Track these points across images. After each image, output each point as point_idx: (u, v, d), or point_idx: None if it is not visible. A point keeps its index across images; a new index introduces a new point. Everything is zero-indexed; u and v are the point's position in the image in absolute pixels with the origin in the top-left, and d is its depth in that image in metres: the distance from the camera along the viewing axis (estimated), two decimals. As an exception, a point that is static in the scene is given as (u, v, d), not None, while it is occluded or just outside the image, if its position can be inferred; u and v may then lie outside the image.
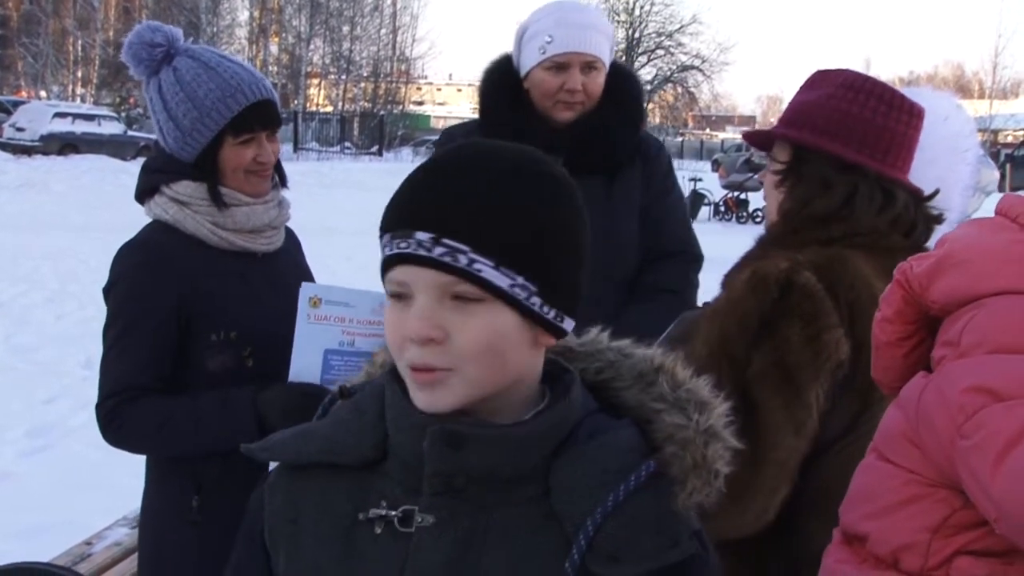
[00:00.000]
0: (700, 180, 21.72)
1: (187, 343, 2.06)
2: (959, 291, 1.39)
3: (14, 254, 11.21)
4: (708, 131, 75.66)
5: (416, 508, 1.05)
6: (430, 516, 1.05)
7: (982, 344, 1.31)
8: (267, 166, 2.14)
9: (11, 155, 24.74)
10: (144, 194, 2.15)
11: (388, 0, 47.97)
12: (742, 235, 1.98)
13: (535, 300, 1.01)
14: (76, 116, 28.06)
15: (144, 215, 2.16)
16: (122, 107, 36.08)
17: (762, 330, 1.72)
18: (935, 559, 1.36)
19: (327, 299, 2.02)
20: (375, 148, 40.39)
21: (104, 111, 31.06)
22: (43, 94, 41.54)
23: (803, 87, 1.92)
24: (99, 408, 2.03)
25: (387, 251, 1.03)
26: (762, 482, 1.69)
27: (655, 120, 57.05)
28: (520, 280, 1.00)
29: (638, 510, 1.01)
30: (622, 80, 2.62)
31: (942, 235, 1.51)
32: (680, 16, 55.38)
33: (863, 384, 1.71)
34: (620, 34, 44.12)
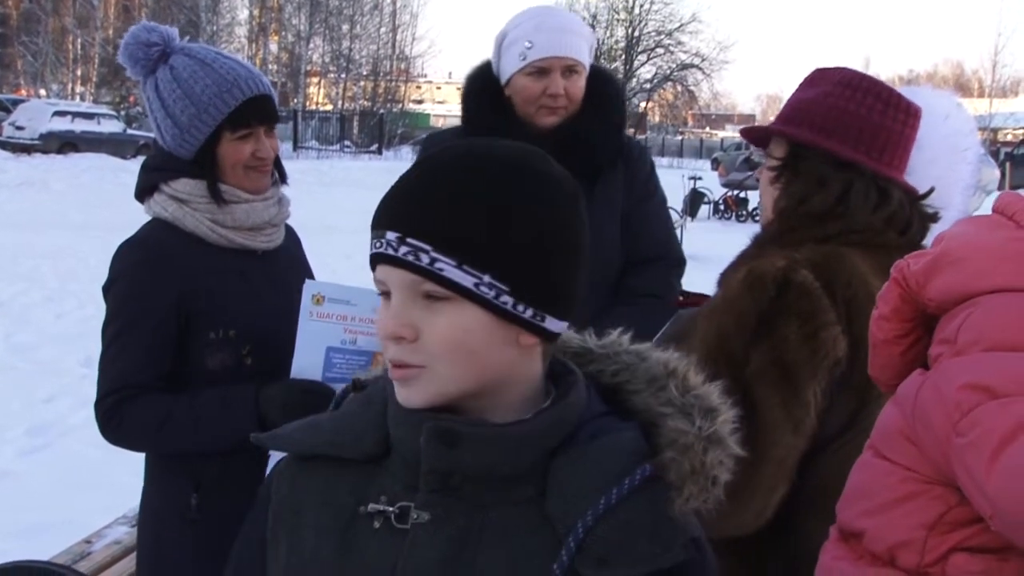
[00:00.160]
0: (700, 179, 21.67)
1: (187, 341, 2.06)
2: (955, 289, 1.40)
3: (14, 253, 11.21)
4: (708, 130, 75.71)
5: (412, 505, 1.06)
6: (426, 513, 1.05)
7: (978, 342, 1.32)
8: (266, 161, 2.14)
9: (10, 153, 24.73)
10: (143, 192, 2.15)
11: (388, -1, 48.01)
12: (742, 233, 1.98)
13: (505, 299, 1.01)
14: (75, 115, 28.04)
15: (144, 213, 2.16)
16: (121, 105, 36.09)
17: (760, 328, 1.73)
18: (931, 556, 1.36)
19: (330, 297, 2.02)
20: (375, 147, 40.38)
21: (104, 109, 31.05)
22: (43, 92, 41.50)
23: (801, 85, 1.92)
24: (98, 406, 2.03)
25: (370, 250, 1.05)
26: (761, 480, 1.69)
27: (655, 119, 57.10)
28: (486, 279, 1.00)
29: (631, 514, 1.01)
30: (602, 83, 2.62)
31: (939, 233, 1.51)
32: (680, 14, 55.49)
33: (861, 382, 1.71)
34: (620, 32, 44.19)
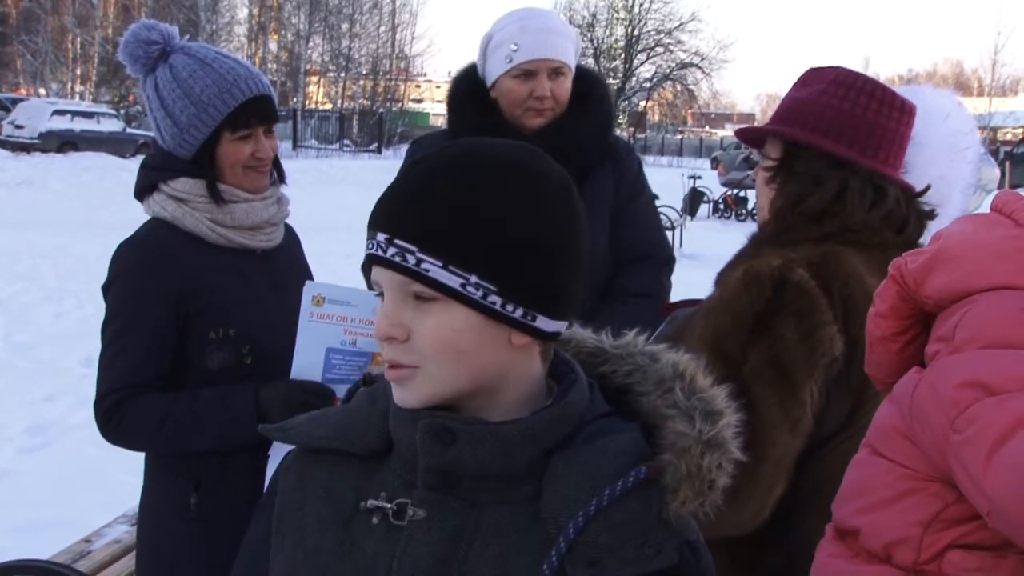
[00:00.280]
0: (699, 178, 21.69)
1: (186, 341, 2.06)
2: (953, 286, 1.40)
3: (13, 252, 11.21)
4: (707, 129, 75.67)
5: (410, 502, 1.07)
6: (422, 510, 1.06)
7: (975, 339, 1.32)
8: (265, 161, 2.14)
9: (10, 152, 24.73)
10: (143, 192, 2.15)
11: (387, -3, 48.00)
12: (741, 232, 1.98)
13: (493, 299, 1.01)
14: (75, 114, 28.03)
15: (143, 213, 2.16)
16: (121, 104, 36.09)
17: (756, 328, 1.73)
18: (927, 553, 1.37)
19: (330, 298, 2.02)
20: (374, 146, 40.38)
21: (103, 108, 31.04)
22: (42, 91, 41.48)
23: (795, 84, 1.93)
24: (98, 405, 2.03)
25: (365, 251, 1.06)
26: (758, 480, 1.69)
27: (654, 117, 57.11)
28: (473, 279, 1.00)
29: (624, 516, 1.01)
30: (588, 84, 2.62)
31: (937, 231, 1.51)
32: (679, 14, 55.44)
33: (857, 380, 1.71)
34: (619, 31, 44.19)
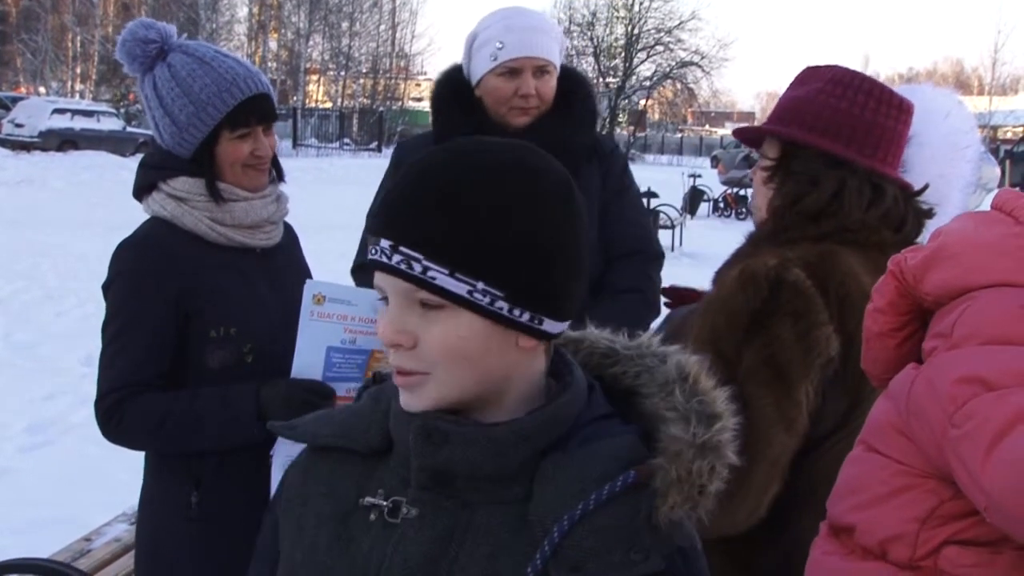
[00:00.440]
0: (699, 176, 21.69)
1: (187, 340, 2.07)
2: (952, 283, 1.40)
3: (13, 250, 11.21)
4: (707, 127, 75.64)
5: (404, 500, 1.07)
6: (414, 509, 1.06)
7: (974, 336, 1.32)
8: (264, 160, 2.14)
9: (10, 151, 24.71)
10: (142, 191, 2.15)
11: (387, -4, 47.98)
12: (741, 231, 1.98)
13: (501, 305, 1.01)
14: (75, 112, 28.03)
15: (143, 212, 2.16)
16: (121, 103, 36.08)
17: (752, 327, 1.73)
18: (923, 549, 1.37)
19: (330, 297, 2.02)
20: (374, 144, 40.33)
21: (103, 107, 31.04)
22: (42, 90, 41.46)
23: (793, 83, 1.93)
24: (98, 404, 2.03)
25: (367, 256, 1.05)
26: (754, 479, 1.69)
27: (655, 116, 57.08)
28: (480, 286, 1.00)
29: (611, 520, 1.00)
30: (573, 83, 2.63)
31: (937, 228, 1.51)
32: (679, 12, 55.40)
33: (853, 380, 1.71)
34: (619, 30, 44.13)
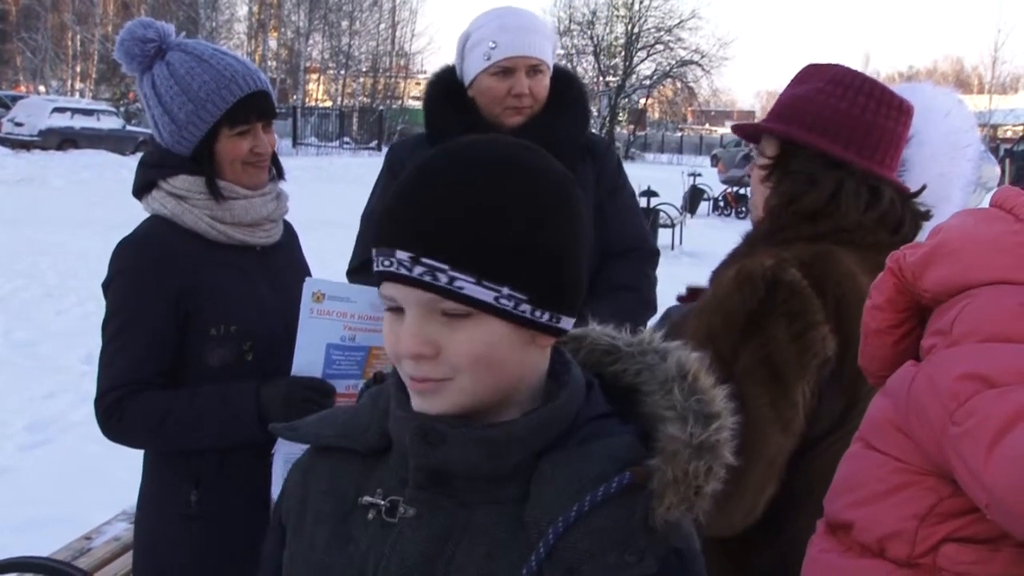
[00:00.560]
0: (699, 175, 21.69)
1: (187, 338, 2.07)
2: (951, 281, 1.40)
3: (13, 249, 11.20)
4: (707, 126, 75.61)
5: (401, 499, 1.07)
6: (412, 509, 1.06)
7: (974, 333, 1.32)
8: (264, 157, 2.14)
9: (10, 150, 24.70)
10: (141, 190, 2.15)
11: (387, -5, 47.98)
12: (741, 230, 1.98)
13: (524, 308, 1.00)
14: (75, 111, 28.03)
15: (143, 210, 2.16)
16: (121, 102, 36.05)
17: (749, 327, 1.72)
18: (922, 546, 1.36)
19: (330, 294, 2.03)
20: (374, 143, 40.28)
21: (103, 106, 31.04)
22: (42, 89, 41.44)
23: (793, 81, 1.92)
24: (98, 403, 2.03)
25: (375, 267, 1.03)
26: (750, 480, 1.69)
27: (654, 115, 57.06)
28: (505, 291, 0.99)
29: (606, 522, 1.00)
30: (566, 82, 2.64)
31: (936, 225, 1.51)
32: (679, 11, 55.48)
33: (850, 381, 1.71)
34: (619, 29, 44.10)
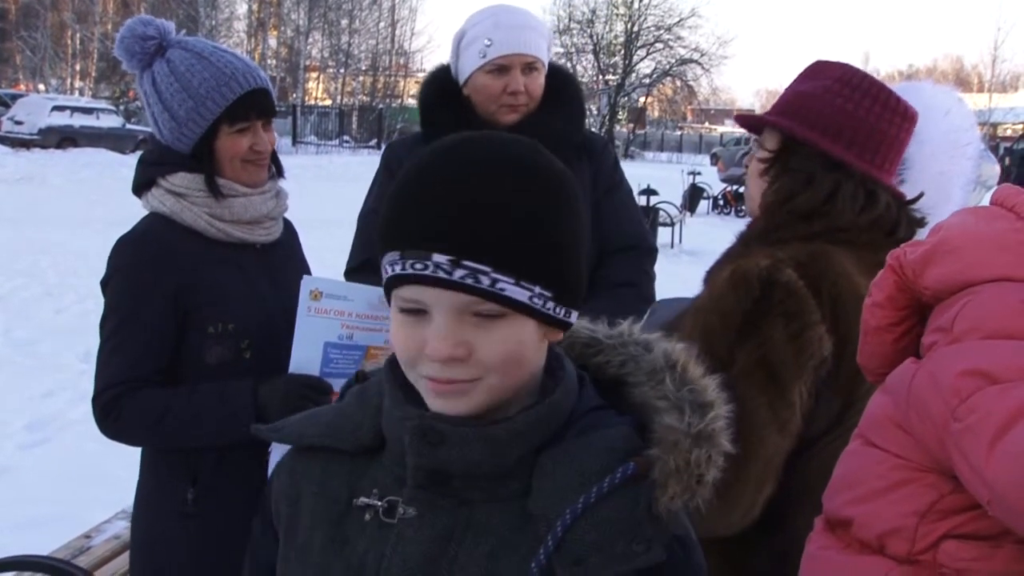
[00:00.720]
0: (699, 174, 21.69)
1: (185, 336, 2.06)
2: (953, 278, 1.40)
3: (13, 248, 11.20)
4: (707, 125, 75.61)
5: (400, 500, 1.07)
6: (412, 509, 1.06)
7: (976, 330, 1.32)
8: (264, 155, 2.14)
9: (9, 148, 24.72)
10: (141, 187, 2.14)
11: (387, -7, 47.97)
12: (740, 229, 1.97)
13: (550, 305, 1.02)
14: (74, 109, 28.05)
15: (143, 208, 2.16)
16: (121, 100, 36.08)
17: (745, 328, 1.71)
18: (922, 543, 1.36)
19: (327, 293, 2.03)
20: (373, 142, 40.28)
21: (103, 104, 31.06)
22: (41, 87, 41.48)
23: (801, 76, 1.91)
24: (96, 400, 2.03)
25: (397, 270, 0.99)
26: (747, 480, 1.69)
27: (654, 114, 57.05)
28: (537, 290, 1.00)
29: (612, 512, 1.00)
30: (561, 80, 2.64)
31: (937, 223, 1.51)
32: (679, 10, 55.51)
33: (847, 380, 1.71)
34: (619, 27, 44.13)
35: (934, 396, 1.30)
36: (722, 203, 22.36)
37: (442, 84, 2.62)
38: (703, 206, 21.74)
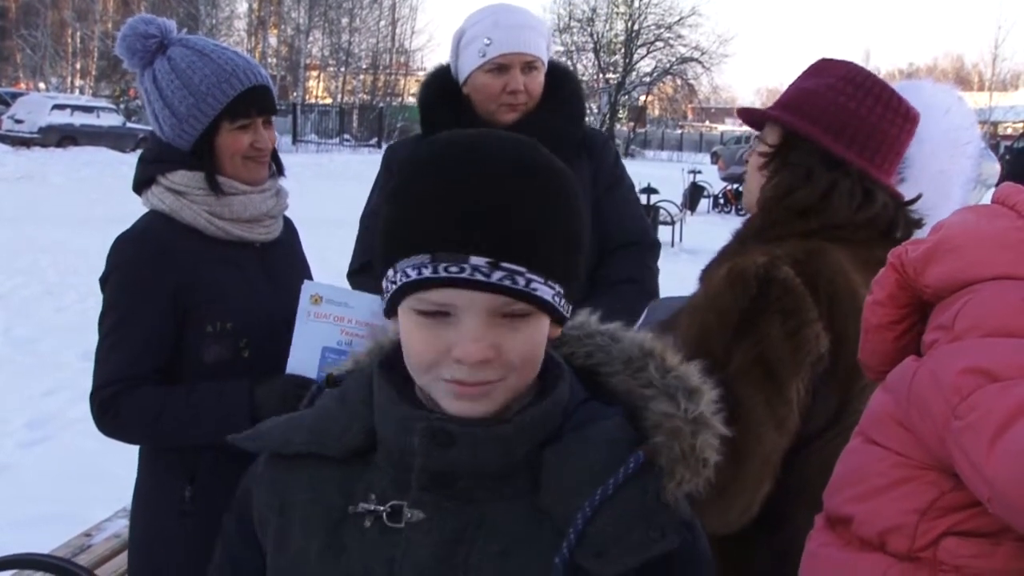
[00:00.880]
0: (699, 172, 21.69)
1: (184, 334, 2.06)
2: (954, 276, 1.40)
3: (13, 247, 11.20)
4: (707, 123, 75.65)
5: (405, 504, 1.05)
6: (419, 512, 1.04)
7: (977, 328, 1.32)
8: (264, 152, 2.13)
9: (10, 147, 24.72)
10: (141, 185, 2.14)
11: (387, -8, 47.96)
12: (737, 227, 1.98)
13: (563, 303, 1.03)
14: (75, 108, 28.05)
15: (142, 206, 2.16)
16: (121, 99, 36.09)
17: (742, 326, 1.71)
18: (923, 540, 1.36)
19: (328, 298, 2.03)
20: (374, 140, 40.30)
21: (103, 103, 31.06)
22: (42, 86, 41.49)
23: (805, 72, 1.91)
24: (93, 397, 2.03)
25: (427, 273, 0.97)
26: (746, 478, 1.69)
27: (654, 112, 57.05)
28: (557, 288, 1.01)
29: (625, 503, 1.01)
30: (561, 78, 2.63)
31: (938, 221, 1.51)
32: (679, 8, 55.51)
33: (844, 378, 1.71)
34: (619, 26, 44.12)
35: (935, 394, 1.30)
36: (722, 202, 22.36)
37: (442, 84, 2.61)
38: (703, 205, 21.74)
